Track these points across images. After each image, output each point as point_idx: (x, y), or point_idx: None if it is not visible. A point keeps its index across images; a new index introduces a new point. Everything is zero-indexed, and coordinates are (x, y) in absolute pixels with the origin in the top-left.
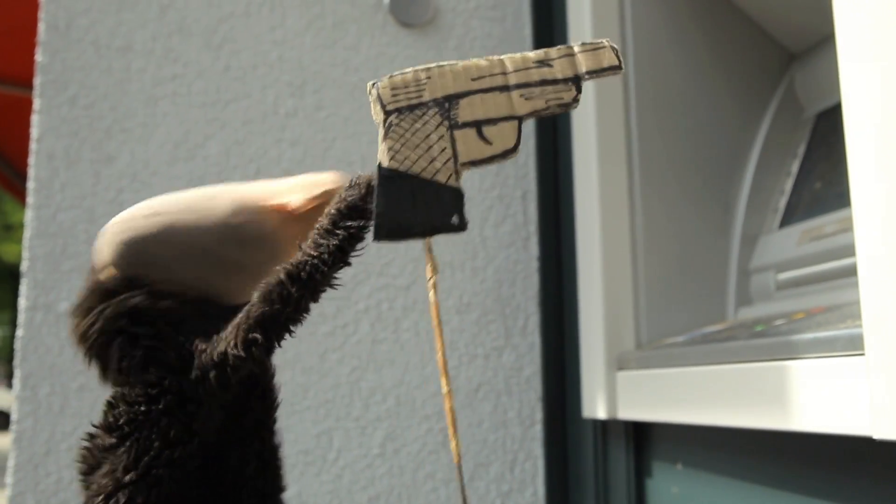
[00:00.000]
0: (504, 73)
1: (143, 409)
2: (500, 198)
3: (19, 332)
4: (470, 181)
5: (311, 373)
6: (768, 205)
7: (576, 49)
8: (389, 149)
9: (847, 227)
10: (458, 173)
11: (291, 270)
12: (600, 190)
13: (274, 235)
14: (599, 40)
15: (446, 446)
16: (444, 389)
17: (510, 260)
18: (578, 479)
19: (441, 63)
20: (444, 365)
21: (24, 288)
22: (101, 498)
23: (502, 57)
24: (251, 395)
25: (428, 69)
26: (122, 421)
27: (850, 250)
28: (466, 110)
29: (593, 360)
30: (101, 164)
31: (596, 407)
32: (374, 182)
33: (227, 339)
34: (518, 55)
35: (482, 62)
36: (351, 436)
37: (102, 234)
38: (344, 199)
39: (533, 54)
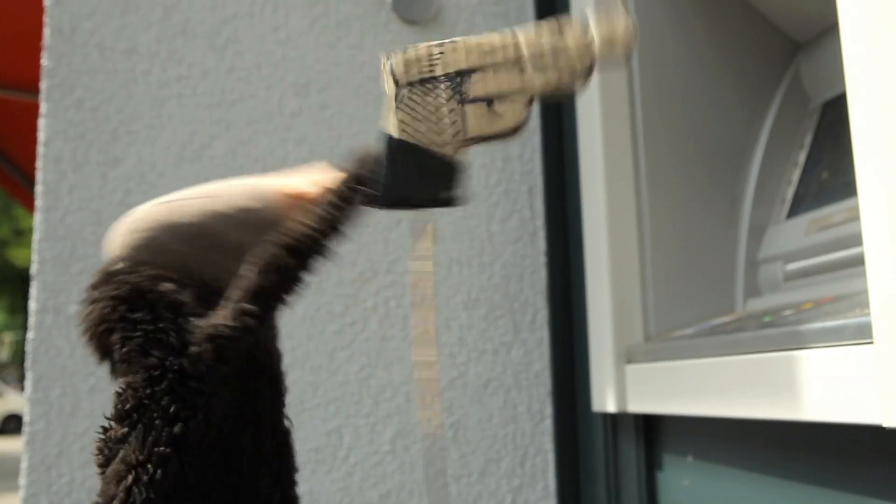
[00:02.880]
0: (517, 47)
1: (147, 391)
2: (506, 193)
3: (30, 335)
4: (476, 177)
5: (320, 371)
6: (775, 195)
7: (590, 21)
8: (400, 121)
9: (855, 217)
10: (465, 147)
11: (291, 244)
12: (606, 184)
13: (281, 221)
14: (615, 9)
15: (456, 441)
16: (424, 359)
17: (518, 255)
18: (589, 472)
19: (455, 39)
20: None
21: (33, 291)
22: (114, 482)
23: (516, 31)
24: (259, 381)
25: (441, 44)
26: (128, 407)
27: (858, 239)
28: (478, 85)
29: (602, 353)
30: (108, 166)
31: (605, 400)
32: (383, 153)
33: (219, 313)
34: (531, 29)
35: (495, 37)
36: (361, 433)
37: (113, 230)
38: (350, 172)
39: (545, 27)
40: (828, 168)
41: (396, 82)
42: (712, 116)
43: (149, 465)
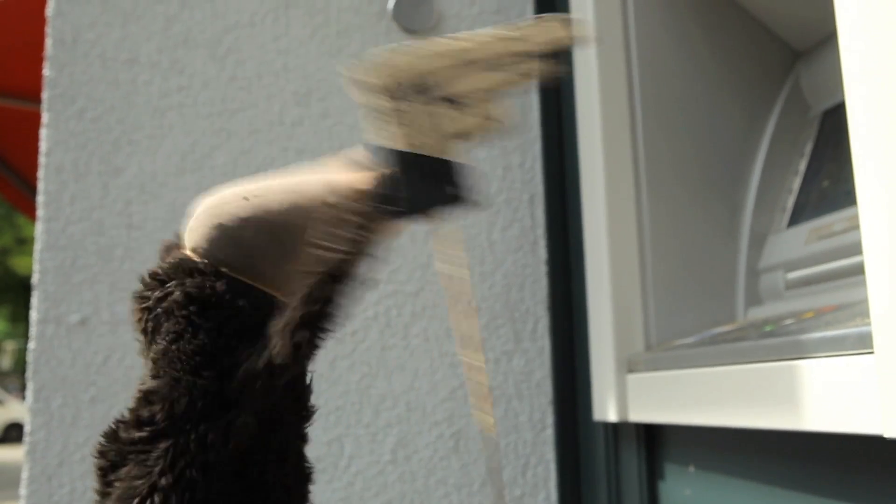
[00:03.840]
0: (478, 50)
1: (182, 409)
2: (507, 202)
3: (31, 345)
4: (476, 186)
5: (320, 380)
6: (776, 204)
7: (543, 23)
8: (394, 132)
9: (856, 225)
10: (458, 148)
11: (331, 269)
12: (607, 192)
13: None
14: (562, 15)
15: (458, 451)
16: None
17: (518, 264)
18: (591, 482)
19: (414, 43)
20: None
21: (35, 301)
22: (136, 501)
23: (474, 34)
24: (292, 409)
25: (407, 50)
26: (158, 418)
27: (858, 248)
28: (448, 87)
29: (603, 362)
30: (109, 176)
31: (607, 410)
32: (392, 166)
33: (272, 345)
34: (490, 32)
35: (452, 43)
36: (362, 442)
37: (195, 217)
38: (368, 191)
39: (504, 31)
40: (828, 176)
41: (378, 93)
42: (712, 125)
43: (177, 489)
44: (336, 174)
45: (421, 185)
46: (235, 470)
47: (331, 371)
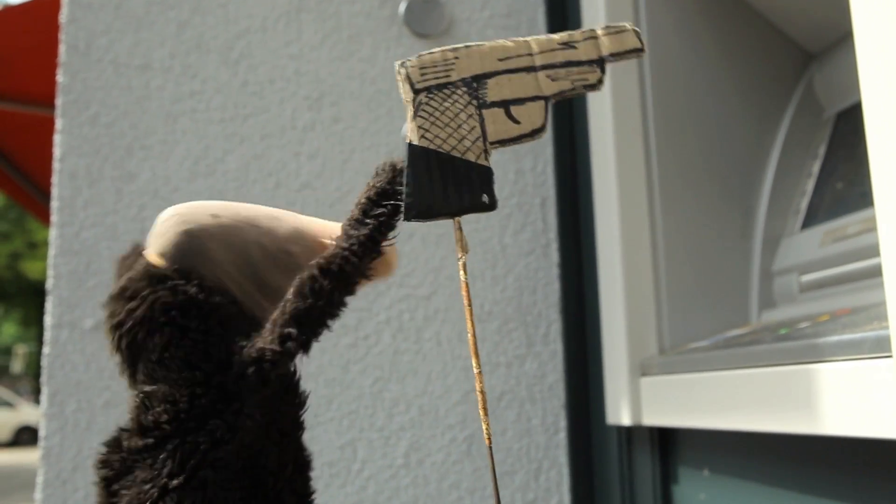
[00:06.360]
0: (530, 55)
1: (185, 406)
2: (518, 206)
3: (46, 350)
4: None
5: (333, 384)
6: (790, 206)
7: (599, 32)
8: (419, 127)
9: (870, 228)
10: (487, 152)
11: (323, 264)
12: (619, 195)
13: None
14: (622, 23)
15: (470, 455)
16: (475, 370)
17: (530, 267)
18: (604, 486)
19: (468, 44)
20: (475, 346)
21: (49, 306)
22: None
23: (528, 39)
24: (287, 400)
25: (455, 49)
26: (162, 420)
27: (874, 251)
28: (494, 90)
29: (616, 366)
30: (122, 181)
31: (620, 413)
32: (404, 162)
33: (264, 336)
34: (543, 37)
35: (509, 43)
36: (375, 446)
37: (162, 222)
38: (373, 187)
39: (557, 36)
40: (842, 179)
41: (413, 88)
42: (725, 127)
43: (189, 489)
44: (308, 221)
45: (429, 183)
46: (243, 464)
47: (343, 375)
